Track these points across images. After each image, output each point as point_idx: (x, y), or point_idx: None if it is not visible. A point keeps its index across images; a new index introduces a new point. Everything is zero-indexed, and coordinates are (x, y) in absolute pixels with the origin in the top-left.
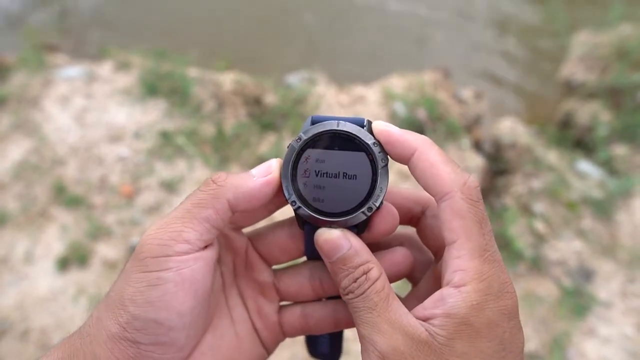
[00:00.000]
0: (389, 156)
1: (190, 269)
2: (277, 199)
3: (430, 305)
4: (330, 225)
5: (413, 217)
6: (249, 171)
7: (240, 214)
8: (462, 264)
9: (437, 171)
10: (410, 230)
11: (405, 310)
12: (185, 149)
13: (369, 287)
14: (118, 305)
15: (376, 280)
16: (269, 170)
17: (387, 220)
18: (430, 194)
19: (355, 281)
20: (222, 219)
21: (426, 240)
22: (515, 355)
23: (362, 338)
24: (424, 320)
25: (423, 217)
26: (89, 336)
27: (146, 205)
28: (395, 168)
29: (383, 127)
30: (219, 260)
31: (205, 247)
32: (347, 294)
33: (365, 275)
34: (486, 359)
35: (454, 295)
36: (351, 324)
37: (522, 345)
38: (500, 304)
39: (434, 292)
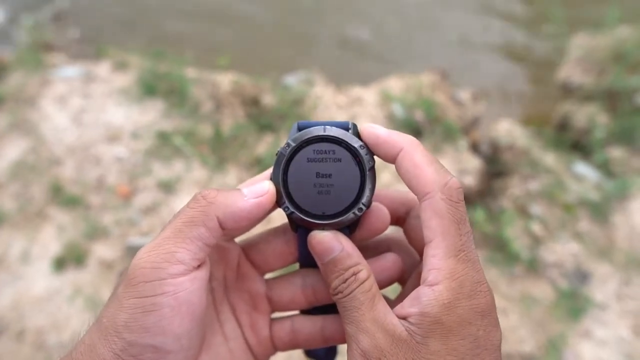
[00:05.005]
0: (376, 156)
1: (186, 292)
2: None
3: (407, 304)
4: (322, 227)
5: (399, 218)
6: (239, 188)
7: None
8: (436, 262)
9: (420, 171)
10: (397, 234)
11: (389, 309)
12: (183, 149)
13: (357, 287)
14: (111, 332)
15: (364, 281)
16: (262, 192)
17: (378, 218)
18: (413, 193)
19: (345, 282)
20: (214, 236)
21: (411, 241)
22: (491, 352)
23: (347, 337)
24: (403, 319)
25: (408, 218)
26: None
27: (143, 206)
28: (391, 169)
29: (370, 129)
30: (210, 276)
31: (199, 265)
32: (336, 294)
33: (354, 276)
34: (460, 356)
35: (427, 294)
36: (341, 339)
37: (498, 342)
38: (472, 302)
39: None
